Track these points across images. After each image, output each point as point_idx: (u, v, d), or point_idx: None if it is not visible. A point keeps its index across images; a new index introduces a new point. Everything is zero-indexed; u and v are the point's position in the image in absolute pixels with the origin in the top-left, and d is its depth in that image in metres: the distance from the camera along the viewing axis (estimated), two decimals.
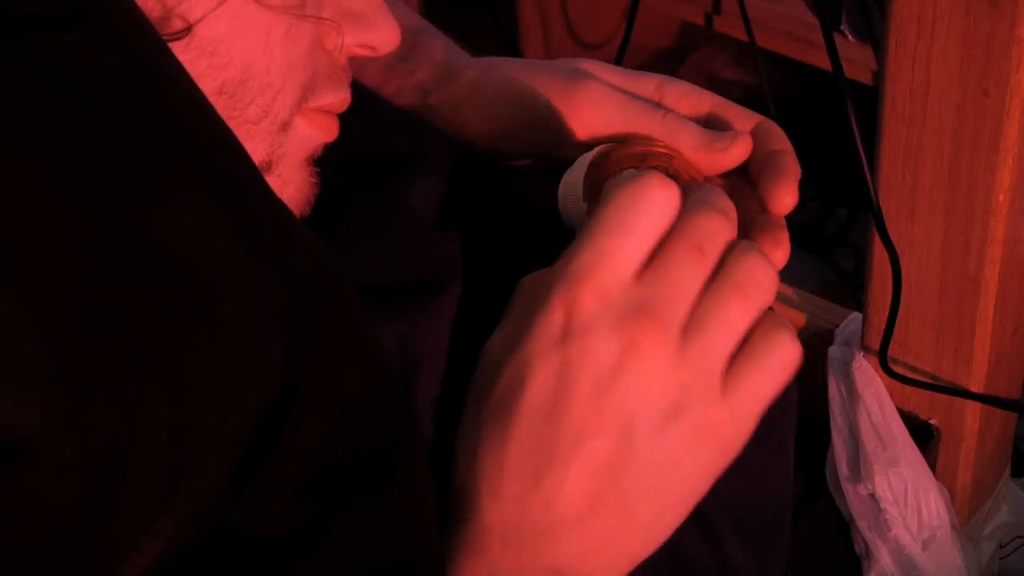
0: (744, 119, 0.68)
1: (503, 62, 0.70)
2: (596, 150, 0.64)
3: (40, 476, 0.39)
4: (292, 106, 0.58)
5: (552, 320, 0.55)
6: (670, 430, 0.54)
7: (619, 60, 1.27)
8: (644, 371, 0.54)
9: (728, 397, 0.55)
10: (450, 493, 0.57)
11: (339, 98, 0.61)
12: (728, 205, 0.57)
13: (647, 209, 0.55)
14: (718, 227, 0.55)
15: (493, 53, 0.73)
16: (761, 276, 0.55)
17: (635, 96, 0.68)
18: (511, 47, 1.29)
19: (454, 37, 0.75)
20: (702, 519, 0.64)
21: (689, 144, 0.66)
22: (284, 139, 0.59)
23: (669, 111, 0.67)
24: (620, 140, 0.66)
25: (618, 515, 0.55)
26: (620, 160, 0.64)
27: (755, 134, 0.66)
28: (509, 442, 0.55)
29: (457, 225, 0.66)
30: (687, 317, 0.55)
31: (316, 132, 0.61)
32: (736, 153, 0.63)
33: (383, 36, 0.61)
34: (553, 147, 0.68)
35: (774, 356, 0.55)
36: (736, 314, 0.55)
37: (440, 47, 0.71)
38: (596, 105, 0.66)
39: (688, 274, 0.55)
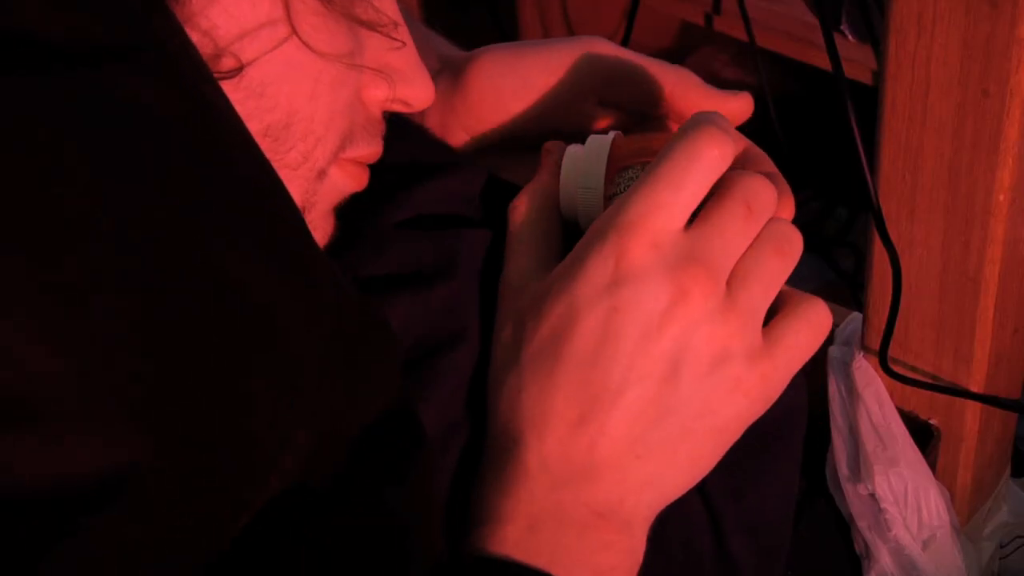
0: None
1: (484, 49, 0.70)
2: (612, 135, 0.64)
3: (134, 515, 0.40)
4: (330, 155, 0.58)
5: (604, 267, 0.56)
6: (712, 378, 0.56)
7: None
8: (692, 319, 0.55)
9: (768, 353, 0.57)
10: (492, 430, 0.58)
11: (373, 150, 0.61)
12: (775, 173, 0.61)
13: (701, 164, 0.57)
14: (766, 188, 0.58)
15: None
16: (794, 239, 0.58)
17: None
18: None
19: (454, 37, 0.75)
20: (712, 514, 0.65)
21: (701, 96, 0.68)
22: (319, 187, 0.59)
23: (676, 66, 0.68)
24: (627, 120, 0.67)
25: (658, 459, 0.56)
26: (637, 150, 0.64)
27: (743, 159, 0.66)
28: (554, 387, 0.56)
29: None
30: (731, 270, 0.57)
31: (348, 182, 0.61)
32: (743, 106, 0.64)
33: (418, 92, 0.61)
34: (549, 118, 0.68)
35: (811, 315, 0.58)
36: (775, 269, 0.57)
37: (421, 39, 0.70)
38: (595, 66, 0.67)
39: (737, 228, 0.57)
